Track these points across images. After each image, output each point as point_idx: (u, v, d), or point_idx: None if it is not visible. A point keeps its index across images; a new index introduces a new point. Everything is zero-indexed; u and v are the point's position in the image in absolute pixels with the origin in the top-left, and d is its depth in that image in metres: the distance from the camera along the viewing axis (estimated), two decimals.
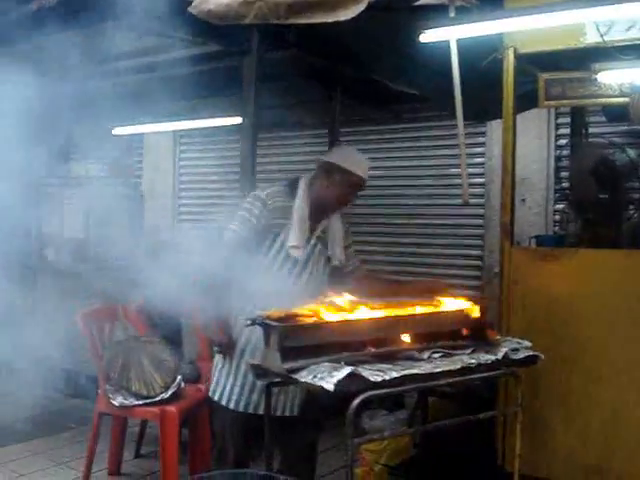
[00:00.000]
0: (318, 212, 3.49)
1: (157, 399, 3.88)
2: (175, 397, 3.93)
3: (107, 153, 7.67)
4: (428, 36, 3.37)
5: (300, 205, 3.45)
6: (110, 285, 5.47)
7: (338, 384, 2.42)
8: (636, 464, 3.39)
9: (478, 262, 5.71)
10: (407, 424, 4.43)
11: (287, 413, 3.44)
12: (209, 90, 5.45)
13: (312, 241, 3.49)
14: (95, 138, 7.56)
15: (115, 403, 3.88)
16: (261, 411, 3.29)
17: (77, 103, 6.13)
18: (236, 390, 3.41)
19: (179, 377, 4.03)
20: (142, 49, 4.84)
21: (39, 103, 6.29)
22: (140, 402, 3.88)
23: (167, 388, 3.93)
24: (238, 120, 5.09)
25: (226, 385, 3.44)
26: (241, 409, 3.38)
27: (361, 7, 2.62)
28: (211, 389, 3.51)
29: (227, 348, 3.41)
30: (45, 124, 6.44)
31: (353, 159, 3.47)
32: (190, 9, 2.88)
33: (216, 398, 3.47)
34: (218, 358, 3.52)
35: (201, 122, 6.17)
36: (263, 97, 4.58)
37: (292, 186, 3.51)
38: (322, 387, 2.43)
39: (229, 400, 3.42)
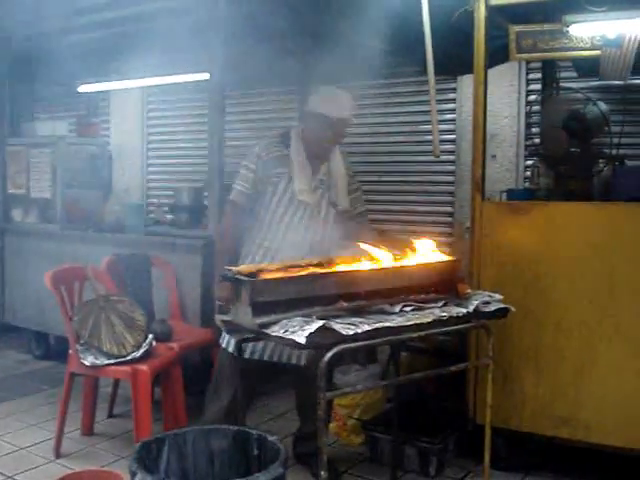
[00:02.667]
0: (313, 158, 3.64)
1: (129, 358, 3.86)
2: (147, 356, 3.91)
3: (73, 112, 7.55)
4: None
5: (296, 151, 3.61)
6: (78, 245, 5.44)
7: (310, 337, 2.42)
8: (604, 414, 3.45)
9: (449, 218, 5.71)
10: (380, 379, 4.46)
11: (294, 361, 3.60)
12: (176, 45, 5.35)
13: (314, 184, 3.63)
14: (60, 96, 7.44)
15: (86, 363, 3.85)
16: (265, 357, 3.57)
17: (41, 60, 6.00)
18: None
19: (150, 336, 4.00)
20: (106, 3, 4.72)
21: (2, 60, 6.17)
22: (112, 361, 3.85)
23: (139, 347, 3.90)
24: (205, 76, 5.01)
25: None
26: (276, 359, 3.59)
27: None
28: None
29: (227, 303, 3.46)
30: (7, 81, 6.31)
31: (328, 101, 3.56)
32: None
33: (220, 341, 3.69)
34: None
35: (168, 78, 6.05)
36: (230, 53, 4.51)
37: (285, 136, 3.67)
38: (294, 340, 2.42)
39: (229, 344, 3.58)
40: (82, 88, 6.67)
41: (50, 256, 5.54)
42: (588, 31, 3.73)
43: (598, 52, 3.79)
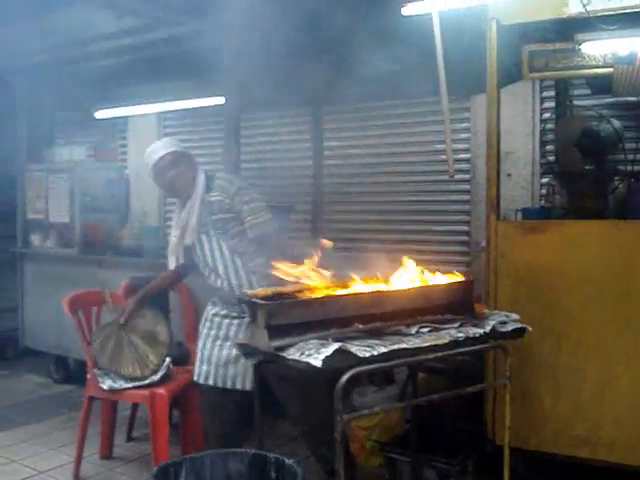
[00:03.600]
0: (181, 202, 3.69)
1: (147, 382, 3.88)
2: (164, 379, 3.93)
3: (91, 137, 7.64)
4: (410, 9, 3.34)
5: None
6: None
7: (326, 360, 2.41)
8: (624, 434, 3.41)
9: (465, 237, 5.71)
10: (398, 400, 4.43)
11: (238, 386, 3.56)
12: (192, 70, 5.41)
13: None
14: (79, 122, 7.52)
15: (104, 387, 3.87)
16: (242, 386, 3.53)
17: (59, 86, 6.09)
18: (212, 366, 3.57)
19: (168, 359, 4.01)
20: (122, 30, 4.78)
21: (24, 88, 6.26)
22: (130, 385, 3.87)
23: (160, 366, 3.92)
24: (221, 100, 5.05)
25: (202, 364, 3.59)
26: (220, 384, 3.54)
27: None
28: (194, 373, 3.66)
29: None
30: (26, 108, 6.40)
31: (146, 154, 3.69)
32: None
33: (198, 379, 3.64)
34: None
35: (184, 103, 6.11)
36: (246, 77, 4.55)
37: None
38: (310, 364, 2.42)
39: (207, 377, 3.58)
40: (99, 114, 6.74)
41: (68, 280, 5.58)
42: (600, 49, 3.73)
43: (611, 70, 3.78)
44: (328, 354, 2.43)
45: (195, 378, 3.63)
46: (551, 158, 4.86)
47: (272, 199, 4.38)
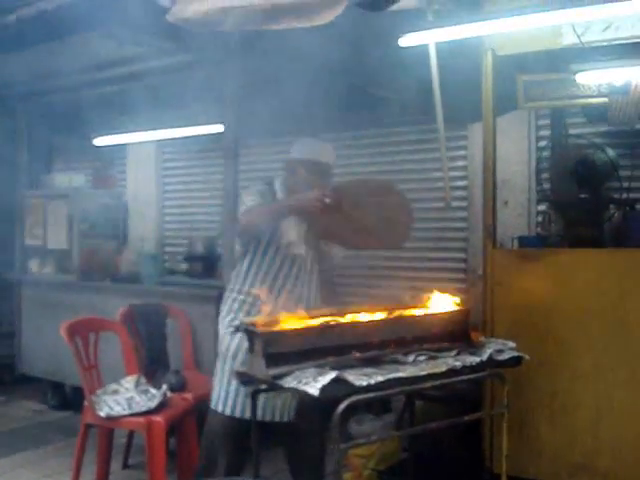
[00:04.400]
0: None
1: (144, 409, 3.87)
2: (161, 407, 3.92)
3: (90, 164, 7.67)
4: (407, 40, 3.38)
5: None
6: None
7: (323, 389, 2.42)
8: (622, 461, 3.41)
9: (462, 265, 5.72)
10: (395, 428, 4.43)
11: (277, 419, 3.48)
12: (190, 98, 5.45)
13: (303, 236, 3.54)
14: (77, 149, 7.56)
15: (101, 414, 3.86)
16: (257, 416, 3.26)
17: (58, 113, 6.13)
18: (231, 395, 3.43)
19: (165, 386, 4.01)
20: (121, 58, 4.83)
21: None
22: (127, 412, 3.86)
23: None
24: (220, 128, 5.09)
25: (220, 391, 3.47)
26: (237, 414, 3.44)
27: (337, 12, 2.63)
28: (211, 399, 3.57)
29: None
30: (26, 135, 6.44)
31: (315, 148, 3.61)
32: (168, 17, 2.87)
33: (212, 406, 3.54)
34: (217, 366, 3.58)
35: (183, 131, 6.15)
36: (244, 104, 4.59)
37: (271, 186, 3.62)
38: (307, 392, 2.43)
39: (225, 406, 3.47)
40: (98, 141, 6.78)
41: (66, 307, 5.58)
42: (595, 79, 3.78)
43: (605, 99, 3.83)
44: (325, 383, 2.44)
45: (236, 414, 3.46)
46: (547, 186, 4.89)
47: None
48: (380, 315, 2.95)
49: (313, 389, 2.42)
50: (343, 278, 5.77)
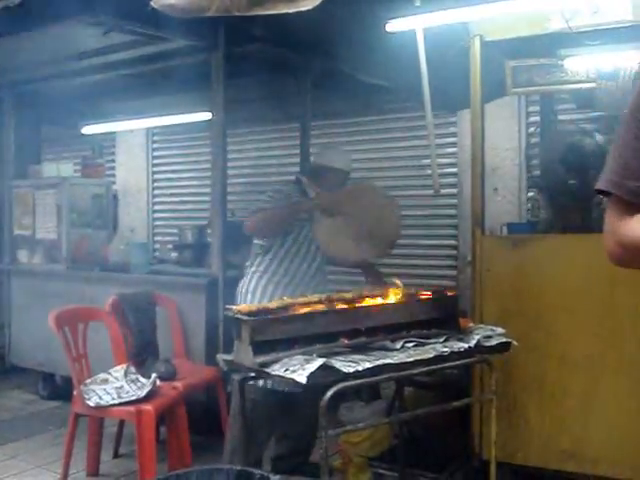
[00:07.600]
0: None
1: (133, 398, 3.86)
2: (151, 396, 3.90)
3: (79, 152, 7.63)
4: (394, 25, 3.37)
5: None
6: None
7: (311, 376, 2.42)
8: (610, 448, 3.42)
9: (453, 251, 5.73)
10: (386, 415, 4.43)
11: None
12: (179, 86, 5.42)
13: None
14: (66, 137, 7.52)
15: (90, 404, 3.85)
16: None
17: (46, 102, 6.09)
18: None
19: (154, 375, 4.00)
20: (109, 46, 4.79)
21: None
22: (116, 402, 3.85)
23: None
24: (208, 116, 5.06)
25: None
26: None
27: None
28: None
29: None
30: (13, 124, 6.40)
31: (342, 158, 3.95)
32: (152, 3, 2.84)
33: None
34: None
35: (171, 119, 6.13)
36: (232, 92, 4.57)
37: (298, 184, 3.91)
38: (294, 380, 2.42)
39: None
40: (86, 129, 6.74)
41: (56, 296, 5.55)
42: (583, 64, 3.77)
43: (593, 85, 3.82)
44: (312, 370, 2.44)
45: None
46: (536, 172, 4.89)
47: None
48: (368, 301, 2.94)
49: (300, 377, 2.41)
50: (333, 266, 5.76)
